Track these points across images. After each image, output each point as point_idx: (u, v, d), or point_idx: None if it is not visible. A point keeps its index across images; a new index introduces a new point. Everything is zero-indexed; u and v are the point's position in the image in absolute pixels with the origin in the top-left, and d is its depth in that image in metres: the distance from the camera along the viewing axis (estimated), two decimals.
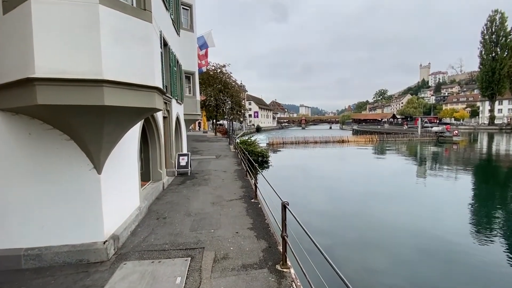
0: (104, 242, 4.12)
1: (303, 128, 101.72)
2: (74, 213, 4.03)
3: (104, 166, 4.19)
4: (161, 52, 8.62)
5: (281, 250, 4.35)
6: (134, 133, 5.86)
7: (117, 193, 4.71)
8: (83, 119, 3.46)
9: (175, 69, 11.50)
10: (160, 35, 7.65)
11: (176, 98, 11.57)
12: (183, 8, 14.21)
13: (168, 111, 10.31)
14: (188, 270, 3.80)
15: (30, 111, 3.43)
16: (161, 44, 8.33)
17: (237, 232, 5.11)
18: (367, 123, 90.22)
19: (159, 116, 8.50)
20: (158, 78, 3.97)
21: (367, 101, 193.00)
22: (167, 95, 9.81)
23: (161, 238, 4.90)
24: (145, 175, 8.44)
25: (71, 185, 3.98)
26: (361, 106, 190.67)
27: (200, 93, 32.13)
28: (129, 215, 5.24)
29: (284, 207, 3.83)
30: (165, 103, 9.84)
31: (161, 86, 3.90)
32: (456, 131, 39.10)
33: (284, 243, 3.86)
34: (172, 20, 11.31)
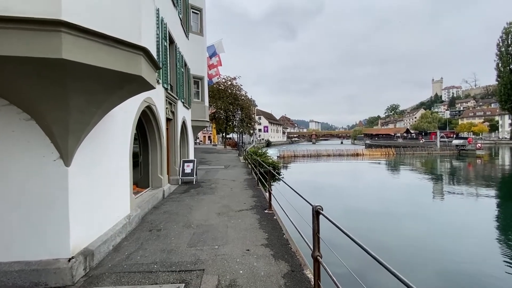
0: (70, 260, 3.04)
1: (314, 143, 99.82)
2: (29, 219, 3.00)
3: (77, 157, 3.20)
4: (166, 45, 7.90)
5: (311, 276, 3.15)
6: (126, 125, 4.93)
7: (95, 196, 3.68)
8: (38, 84, 2.51)
9: (182, 70, 10.80)
10: (160, 13, 6.92)
11: (182, 101, 10.79)
12: (193, 12, 13.80)
13: (173, 112, 9.47)
14: None
15: None
16: (165, 35, 7.62)
17: (248, 250, 3.94)
18: (379, 138, 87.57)
19: (161, 114, 7.61)
20: (148, 40, 3.02)
21: (378, 116, 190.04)
22: (172, 94, 9.01)
23: (150, 255, 3.78)
24: (144, 181, 7.45)
25: (27, 180, 2.99)
26: (372, 121, 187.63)
27: (210, 106, 31.77)
28: (113, 225, 4.18)
29: (317, 213, 2.68)
30: (170, 103, 9.03)
31: (150, 51, 2.94)
32: (479, 144, 36.71)
33: (317, 266, 2.67)
34: (181, 20, 10.76)
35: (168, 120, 8.97)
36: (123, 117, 4.69)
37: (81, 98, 2.75)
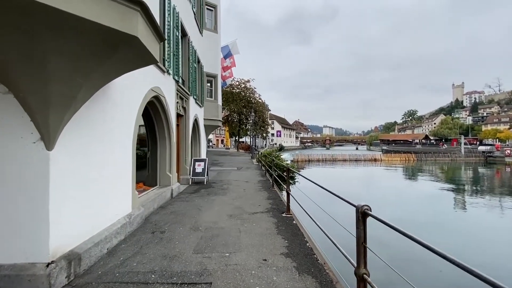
0: (48, 265, 2.48)
1: (327, 149, 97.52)
2: (2, 213, 2.48)
3: (62, 141, 2.67)
4: (177, 35, 7.46)
5: None
6: (129, 112, 4.41)
7: (86, 188, 3.14)
8: (9, 42, 1.99)
9: (195, 65, 10.38)
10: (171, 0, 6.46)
11: (195, 97, 10.33)
12: (207, 8, 13.47)
13: (184, 108, 9.00)
14: None
15: None
16: (177, 24, 7.18)
17: (265, 260, 3.26)
18: (397, 144, 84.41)
19: (171, 108, 7.12)
20: (150, 5, 2.46)
21: (395, 122, 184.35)
22: (184, 89, 8.55)
23: (149, 262, 3.18)
24: (151, 179, 6.94)
25: (0, 165, 2.47)
26: (389, 127, 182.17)
27: (223, 108, 31.47)
28: (109, 224, 3.63)
29: (363, 216, 1.98)
30: (181, 98, 8.56)
31: (150, 10, 2.37)
32: (509, 151, 34.24)
33: (363, 285, 1.97)
34: (194, 14, 10.39)
35: (179, 116, 8.50)
36: (125, 102, 4.17)
37: (62, 62, 2.20)
